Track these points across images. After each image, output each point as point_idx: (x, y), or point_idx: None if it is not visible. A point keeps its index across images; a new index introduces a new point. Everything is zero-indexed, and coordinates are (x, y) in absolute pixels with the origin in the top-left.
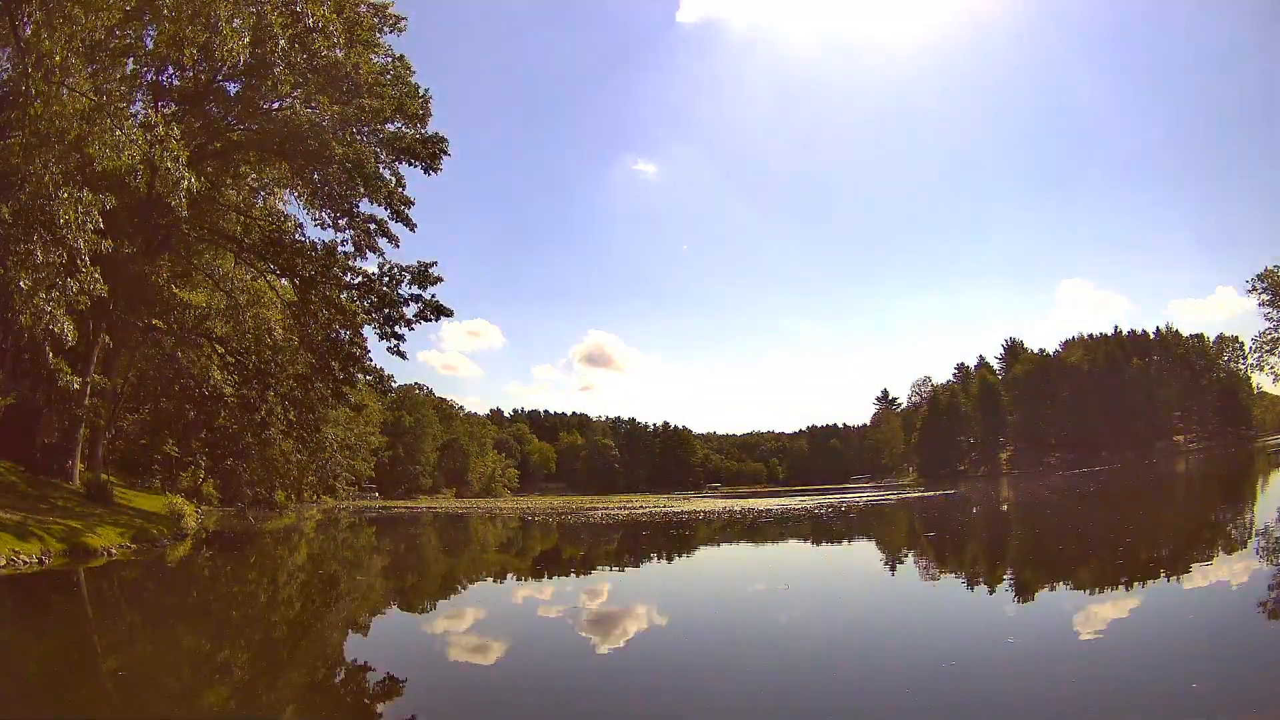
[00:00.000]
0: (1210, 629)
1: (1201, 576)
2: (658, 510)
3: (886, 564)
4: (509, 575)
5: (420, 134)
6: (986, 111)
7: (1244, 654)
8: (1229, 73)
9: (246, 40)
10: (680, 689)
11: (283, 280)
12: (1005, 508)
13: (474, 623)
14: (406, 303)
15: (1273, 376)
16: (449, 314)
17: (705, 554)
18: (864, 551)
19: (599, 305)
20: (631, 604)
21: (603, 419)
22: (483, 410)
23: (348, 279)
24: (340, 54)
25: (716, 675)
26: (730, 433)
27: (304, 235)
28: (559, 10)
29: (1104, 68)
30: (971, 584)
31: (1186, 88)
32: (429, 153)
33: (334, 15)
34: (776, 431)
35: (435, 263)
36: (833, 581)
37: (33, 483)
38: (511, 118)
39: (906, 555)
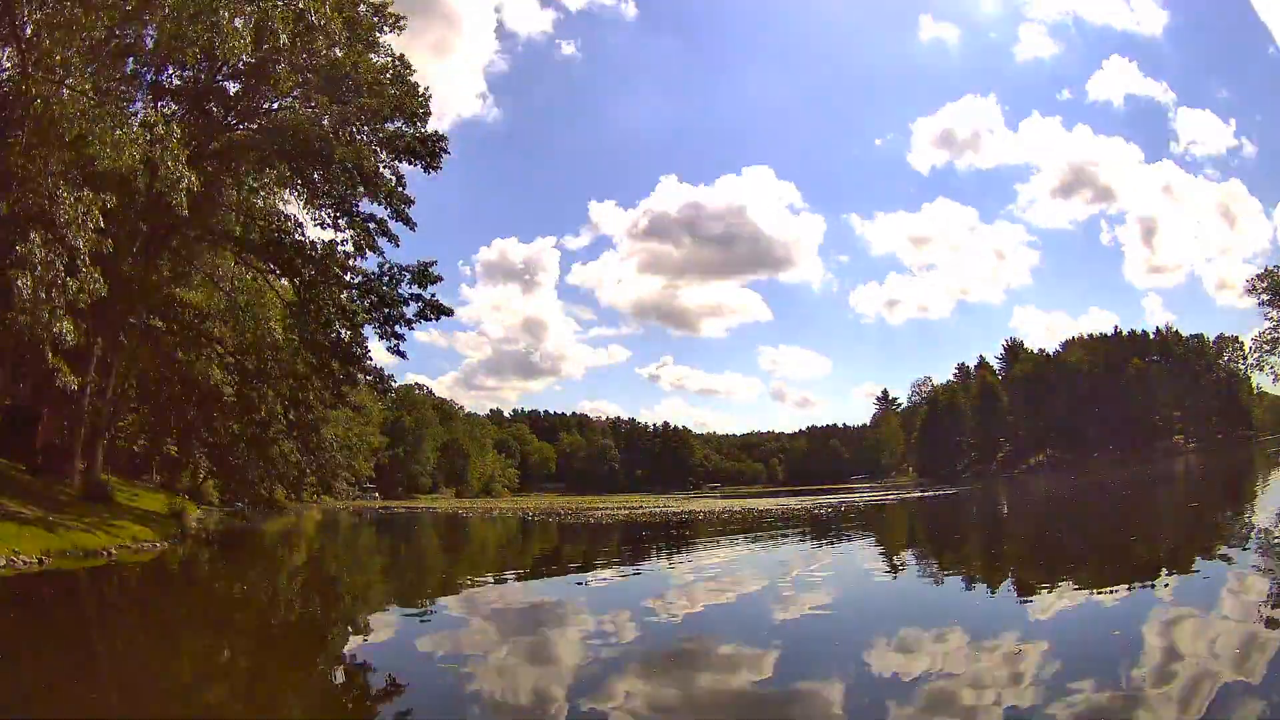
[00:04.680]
0: None
1: None
2: (657, 511)
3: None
4: (509, 574)
5: (420, 133)
6: None
7: None
8: None
9: (248, 40)
10: (681, 688)
11: (283, 280)
12: (1006, 510)
13: (474, 622)
14: (406, 302)
15: (1273, 376)
16: (449, 313)
17: (705, 553)
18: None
19: None
20: (630, 602)
21: (602, 419)
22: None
23: (348, 279)
24: (340, 53)
25: (716, 670)
26: (730, 433)
27: (304, 235)
28: None
29: None
30: None
31: None
32: (429, 151)
33: (335, 14)
34: (776, 431)
35: (435, 261)
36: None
37: (33, 483)
38: None
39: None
